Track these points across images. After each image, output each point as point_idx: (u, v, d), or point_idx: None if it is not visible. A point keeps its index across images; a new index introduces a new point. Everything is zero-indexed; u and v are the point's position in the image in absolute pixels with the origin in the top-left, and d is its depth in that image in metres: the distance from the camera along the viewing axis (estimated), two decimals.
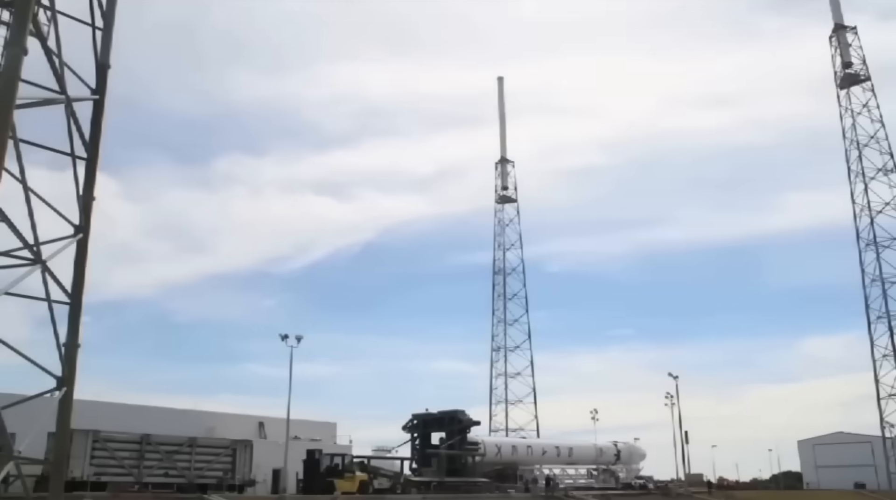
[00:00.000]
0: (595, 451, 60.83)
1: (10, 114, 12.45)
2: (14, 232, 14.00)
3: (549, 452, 57.36)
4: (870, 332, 67.95)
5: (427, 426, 47.58)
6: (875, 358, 67.20)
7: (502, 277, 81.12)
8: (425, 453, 46.33)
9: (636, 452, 65.77)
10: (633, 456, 65.24)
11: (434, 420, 47.48)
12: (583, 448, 60.59)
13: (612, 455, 62.08)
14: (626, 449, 64.10)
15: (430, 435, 47.59)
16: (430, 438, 47.47)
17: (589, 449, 60.89)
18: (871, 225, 67.99)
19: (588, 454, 60.56)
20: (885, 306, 66.87)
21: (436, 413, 47.61)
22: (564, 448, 58.92)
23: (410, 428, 47.54)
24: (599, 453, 61.00)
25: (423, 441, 47.24)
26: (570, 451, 59.04)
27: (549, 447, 58.40)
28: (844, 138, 70.77)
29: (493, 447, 51.23)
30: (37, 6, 13.95)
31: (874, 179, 68.81)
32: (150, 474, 33.77)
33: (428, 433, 47.55)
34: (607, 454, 61.75)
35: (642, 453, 66.44)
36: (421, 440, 47.33)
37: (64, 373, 14.95)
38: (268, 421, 50.76)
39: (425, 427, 47.51)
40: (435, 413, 47.63)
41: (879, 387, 66.62)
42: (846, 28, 71.61)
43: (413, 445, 47.23)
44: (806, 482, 77.47)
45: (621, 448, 63.38)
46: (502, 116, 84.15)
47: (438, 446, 46.33)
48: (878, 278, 67.44)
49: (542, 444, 59.08)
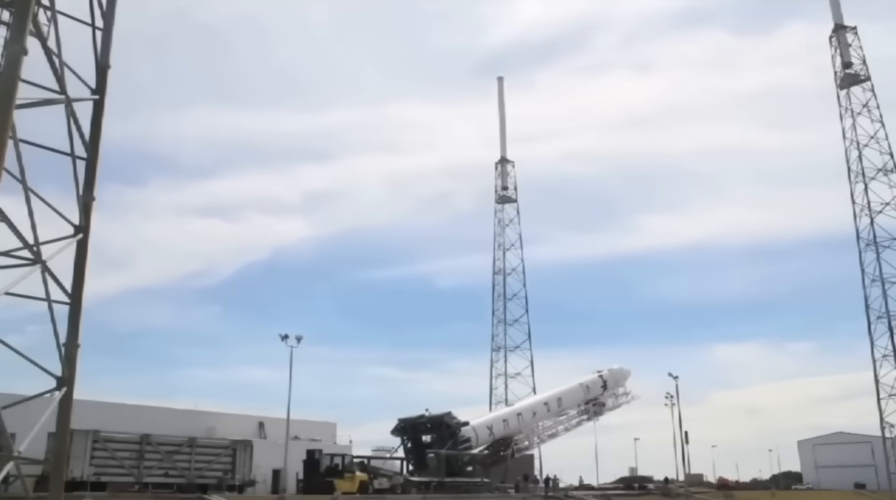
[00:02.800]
0: (582, 390, 59.16)
1: (10, 114, 12.45)
2: (14, 232, 14.00)
3: (539, 411, 55.76)
4: (870, 332, 68.02)
5: (416, 430, 46.64)
6: (875, 358, 67.31)
7: (502, 277, 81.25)
8: (420, 455, 45.54)
9: (621, 375, 63.37)
10: (619, 379, 63.00)
11: (422, 425, 46.50)
12: (570, 393, 58.77)
13: (600, 388, 60.31)
14: (610, 376, 61.92)
15: (422, 437, 46.70)
16: (421, 440, 46.54)
17: (576, 392, 59.14)
18: (871, 225, 68.11)
19: (576, 396, 58.95)
20: (884, 306, 66.99)
21: (423, 418, 46.50)
22: (553, 401, 57.20)
23: (399, 431, 46.64)
24: (587, 390, 59.32)
25: (416, 445, 46.38)
26: (559, 401, 57.51)
27: (537, 406, 56.54)
28: (844, 138, 70.89)
29: (484, 432, 49.84)
30: (37, 6, 13.95)
31: (874, 180, 68.95)
32: (150, 474, 33.78)
33: (419, 436, 46.61)
34: (594, 387, 59.90)
35: (626, 372, 64.08)
36: (413, 443, 46.49)
37: (64, 373, 14.95)
38: (268, 421, 50.77)
39: (414, 432, 46.57)
40: (422, 418, 46.52)
41: (879, 387, 66.71)
42: (846, 28, 71.64)
43: (406, 449, 46.50)
44: (806, 483, 77.47)
45: (606, 377, 61.22)
46: (502, 117, 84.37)
47: (431, 444, 45.63)
48: (878, 278, 67.49)
49: (530, 405, 56.93)
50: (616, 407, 61.86)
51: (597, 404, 59.94)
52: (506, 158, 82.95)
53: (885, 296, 66.91)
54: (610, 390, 61.31)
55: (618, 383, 62.56)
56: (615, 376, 62.16)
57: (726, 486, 67.59)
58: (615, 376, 62.15)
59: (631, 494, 54.06)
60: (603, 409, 60.50)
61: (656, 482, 66.56)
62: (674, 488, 56.48)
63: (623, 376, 63.60)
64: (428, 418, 46.49)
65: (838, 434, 76.29)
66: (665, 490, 54.90)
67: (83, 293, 15.53)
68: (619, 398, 62.21)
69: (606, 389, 60.87)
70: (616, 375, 62.37)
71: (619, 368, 63.70)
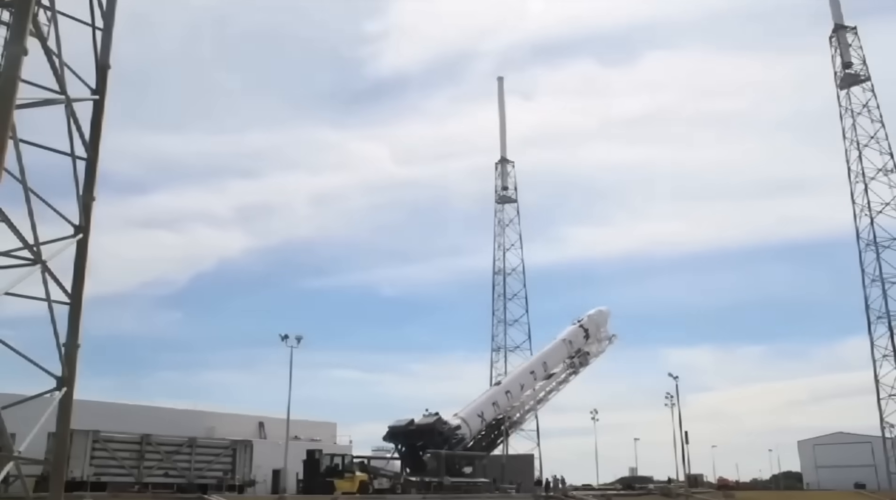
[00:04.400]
0: (565, 345, 57.80)
1: (10, 114, 12.44)
2: (14, 232, 13.99)
3: (526, 382, 54.41)
4: (870, 332, 68.07)
5: (407, 436, 45.62)
6: (875, 358, 67.34)
7: (502, 277, 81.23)
8: (416, 458, 44.94)
9: (601, 317, 61.35)
10: (600, 322, 61.03)
11: (413, 433, 45.40)
12: (554, 352, 57.52)
13: (582, 338, 58.77)
14: (591, 322, 60.04)
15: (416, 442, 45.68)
16: (415, 445, 45.65)
17: (559, 349, 57.77)
18: (871, 225, 68.14)
19: (560, 353, 57.60)
20: (885, 306, 67.01)
21: (412, 426, 45.54)
22: (538, 366, 55.84)
23: (391, 438, 45.83)
24: (570, 345, 57.98)
25: (411, 449, 45.62)
26: (545, 365, 56.27)
27: (524, 376, 54.94)
28: (844, 139, 70.92)
29: (475, 421, 48.95)
30: (37, 6, 13.94)
31: (874, 180, 68.98)
32: (150, 474, 33.80)
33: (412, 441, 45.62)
34: (576, 339, 58.45)
35: (605, 314, 62.19)
36: (406, 448, 45.75)
37: (64, 373, 14.94)
38: (268, 421, 50.81)
39: (406, 438, 45.66)
40: (412, 425, 45.58)
41: (879, 387, 66.73)
42: (846, 28, 71.66)
43: (400, 453, 45.83)
44: (806, 483, 77.50)
45: (587, 324, 59.38)
46: (502, 117, 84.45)
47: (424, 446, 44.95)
48: (878, 279, 67.51)
49: (516, 378, 55.28)
50: (600, 353, 60.02)
51: (581, 354, 58.21)
52: (506, 158, 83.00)
53: (885, 296, 67.03)
54: (593, 337, 59.45)
55: (599, 327, 60.55)
56: (595, 320, 60.22)
57: (726, 486, 67.63)
58: (595, 321, 60.20)
59: (631, 494, 54.06)
60: (588, 357, 58.80)
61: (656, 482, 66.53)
62: (674, 488, 56.50)
63: (603, 319, 61.49)
64: (418, 425, 45.49)
65: (838, 434, 76.29)
66: (665, 490, 54.91)
67: (83, 293, 15.53)
68: (602, 343, 60.33)
69: (589, 337, 59.06)
70: (596, 319, 60.38)
71: (596, 311, 61.54)
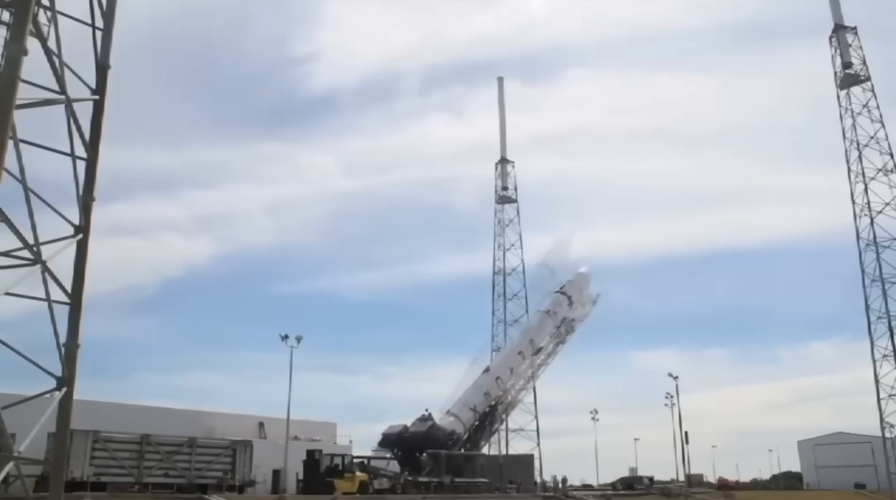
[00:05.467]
0: (550, 317, 55.96)
1: (10, 114, 12.44)
2: (14, 232, 13.99)
3: (514, 364, 52.73)
4: (870, 332, 67.97)
5: (402, 443, 44.97)
6: (875, 358, 67.32)
7: (502, 277, 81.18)
8: (413, 460, 44.62)
9: (583, 280, 59.12)
10: (582, 285, 58.86)
11: (407, 441, 44.83)
12: (539, 327, 55.67)
13: (566, 306, 56.94)
14: (572, 287, 57.92)
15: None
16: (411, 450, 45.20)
17: (544, 322, 55.82)
18: (871, 225, 68.13)
19: (545, 327, 55.82)
20: (885, 307, 67.02)
21: (406, 433, 45.06)
22: (525, 345, 53.96)
23: (386, 445, 45.25)
24: (554, 316, 56.17)
25: (407, 454, 45.24)
26: (531, 342, 54.46)
27: (511, 358, 53.20)
28: (844, 139, 70.91)
29: (468, 414, 48.19)
30: (37, 6, 13.94)
31: (874, 180, 68.99)
32: (150, 474, 33.79)
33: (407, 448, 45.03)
34: (560, 308, 56.61)
35: (586, 275, 59.85)
36: (403, 452, 45.28)
37: (64, 373, 14.95)
38: (268, 421, 50.80)
39: (400, 445, 45.12)
40: (405, 433, 45.10)
41: (879, 387, 66.73)
42: (846, 28, 71.66)
43: (397, 457, 45.36)
44: (806, 483, 77.50)
45: (569, 291, 57.31)
46: (502, 117, 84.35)
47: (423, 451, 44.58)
48: (878, 279, 67.52)
49: (505, 362, 53.48)
50: (585, 316, 58.29)
51: (566, 322, 56.57)
52: (506, 158, 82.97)
53: (885, 296, 67.03)
54: (576, 302, 57.51)
55: (581, 290, 58.51)
56: (577, 285, 58.26)
57: (726, 486, 67.62)
58: (577, 285, 58.25)
59: (631, 494, 54.05)
60: (574, 323, 57.16)
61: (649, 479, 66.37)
62: (674, 488, 56.49)
63: (585, 281, 59.40)
64: (412, 433, 44.93)
65: (838, 434, 76.30)
66: (665, 490, 54.90)
67: (83, 293, 15.53)
68: (586, 307, 58.33)
69: (573, 303, 57.16)
70: (578, 284, 58.38)
71: (577, 275, 59.39)
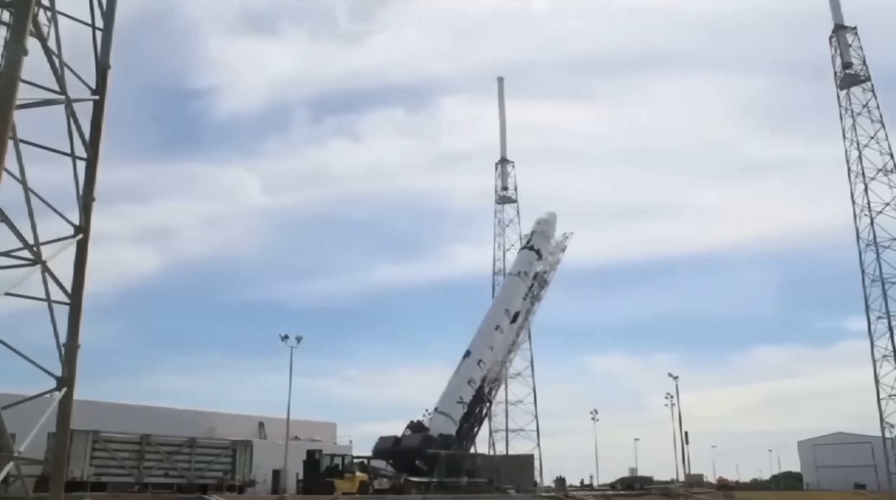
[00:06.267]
0: (521, 279, 52.22)
1: (10, 114, 12.45)
2: (14, 232, 14.00)
3: (495, 342, 49.27)
4: (870, 332, 68.05)
5: (395, 456, 43.91)
6: (875, 358, 67.35)
7: (503, 277, 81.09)
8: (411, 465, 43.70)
9: (549, 226, 54.95)
10: (549, 232, 54.70)
11: (401, 453, 43.72)
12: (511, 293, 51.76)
13: (536, 261, 53.38)
14: (539, 237, 53.45)
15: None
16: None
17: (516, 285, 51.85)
18: (871, 225, 68.16)
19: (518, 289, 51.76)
20: (885, 307, 67.04)
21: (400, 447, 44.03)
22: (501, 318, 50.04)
23: (380, 455, 44.31)
24: (525, 275, 52.55)
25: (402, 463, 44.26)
26: (507, 311, 50.89)
27: (490, 336, 49.40)
28: (844, 139, 70.94)
29: (456, 409, 46.72)
30: (37, 6, 13.94)
31: (874, 180, 69.00)
32: (150, 474, 33.76)
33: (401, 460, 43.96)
34: (531, 264, 52.97)
35: (550, 219, 55.84)
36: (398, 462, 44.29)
37: (64, 373, 14.95)
38: (268, 421, 50.84)
39: (394, 457, 44.06)
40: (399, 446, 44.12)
41: (879, 387, 66.74)
42: (846, 28, 71.67)
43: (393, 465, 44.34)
44: (806, 483, 77.50)
45: (537, 244, 52.89)
46: (502, 117, 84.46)
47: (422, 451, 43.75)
48: (878, 279, 67.53)
49: (483, 342, 49.46)
50: (557, 263, 54.97)
51: (539, 278, 53.30)
52: (506, 159, 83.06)
53: (885, 296, 67.05)
54: (546, 253, 54.02)
55: (548, 239, 54.72)
56: (543, 233, 54.55)
57: (726, 486, 67.61)
58: (544, 233, 54.58)
59: (631, 494, 54.03)
60: (547, 276, 54.19)
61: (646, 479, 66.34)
62: (674, 488, 56.46)
63: (550, 227, 55.56)
64: (404, 447, 43.90)
65: (838, 435, 76.30)
66: (665, 490, 54.87)
67: (83, 293, 15.53)
68: (556, 254, 54.95)
69: (542, 256, 53.57)
70: (543, 233, 54.62)
71: (541, 222, 55.68)
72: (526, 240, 54.77)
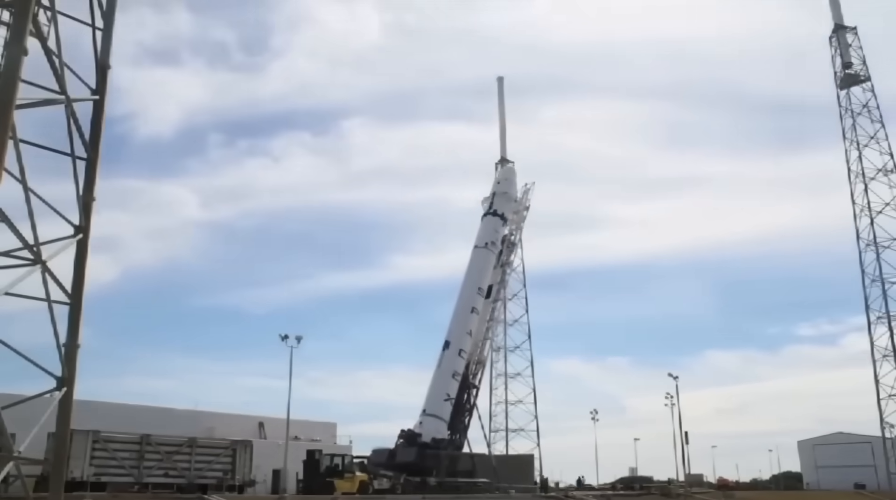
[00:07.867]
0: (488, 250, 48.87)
1: (10, 114, 12.45)
2: (14, 232, 14.00)
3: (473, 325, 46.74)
4: (870, 332, 68.21)
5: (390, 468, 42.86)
6: (875, 358, 67.40)
7: None
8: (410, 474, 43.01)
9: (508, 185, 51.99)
10: (510, 190, 51.80)
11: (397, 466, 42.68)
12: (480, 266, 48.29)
13: (501, 226, 50.40)
14: (501, 199, 50.06)
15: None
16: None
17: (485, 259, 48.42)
18: (871, 225, 68.21)
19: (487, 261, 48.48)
20: (884, 307, 67.08)
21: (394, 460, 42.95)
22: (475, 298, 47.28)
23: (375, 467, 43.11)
24: (492, 244, 49.36)
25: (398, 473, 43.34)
26: (479, 289, 47.72)
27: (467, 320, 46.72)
28: (845, 139, 70.97)
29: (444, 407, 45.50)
30: (37, 6, 13.94)
31: (874, 180, 69.04)
32: (150, 474, 33.76)
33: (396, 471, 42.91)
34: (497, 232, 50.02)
35: (509, 174, 53.66)
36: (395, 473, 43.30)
37: (64, 373, 14.95)
38: (268, 421, 50.87)
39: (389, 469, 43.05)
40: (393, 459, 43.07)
41: (879, 387, 66.77)
42: (846, 28, 71.69)
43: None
44: (806, 483, 77.50)
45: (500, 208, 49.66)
46: (502, 116, 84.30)
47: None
48: (878, 279, 67.57)
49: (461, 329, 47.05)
50: (523, 221, 52.86)
51: (506, 243, 51.14)
52: (506, 159, 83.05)
53: (885, 296, 67.11)
54: (510, 214, 51.28)
55: (510, 198, 51.74)
56: (505, 194, 51.27)
57: (726, 486, 67.61)
58: (506, 194, 51.32)
59: (631, 494, 54.01)
60: (514, 237, 52.49)
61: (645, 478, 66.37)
62: (674, 488, 56.45)
63: (511, 184, 52.63)
64: (400, 462, 42.88)
65: (838, 434, 76.34)
66: (665, 490, 54.86)
67: (83, 293, 15.54)
68: (521, 212, 52.62)
69: (506, 219, 50.77)
70: (505, 193, 51.45)
71: (500, 182, 52.76)
72: (487, 205, 50.85)
